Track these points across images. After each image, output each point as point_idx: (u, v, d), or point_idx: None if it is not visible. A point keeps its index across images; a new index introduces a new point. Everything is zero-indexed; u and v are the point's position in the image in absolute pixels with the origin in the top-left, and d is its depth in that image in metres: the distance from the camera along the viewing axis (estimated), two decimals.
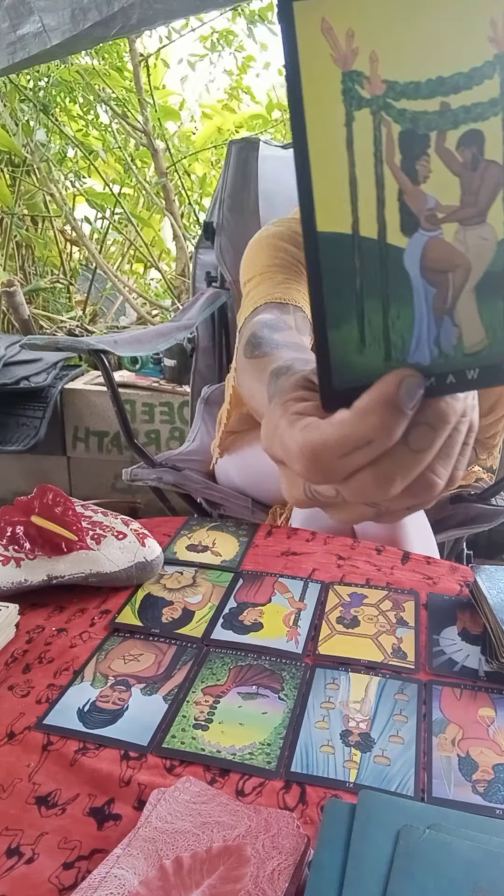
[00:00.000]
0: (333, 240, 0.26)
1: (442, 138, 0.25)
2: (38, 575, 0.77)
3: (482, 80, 0.25)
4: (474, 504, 1.24)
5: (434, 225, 0.26)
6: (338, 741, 0.59)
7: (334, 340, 0.27)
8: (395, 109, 0.25)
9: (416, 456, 0.28)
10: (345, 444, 0.28)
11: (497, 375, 0.27)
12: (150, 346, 1.40)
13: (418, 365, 0.27)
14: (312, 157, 0.25)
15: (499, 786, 0.55)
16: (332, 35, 0.24)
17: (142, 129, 2.62)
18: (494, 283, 0.27)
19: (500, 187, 0.26)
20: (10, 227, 2.71)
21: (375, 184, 0.25)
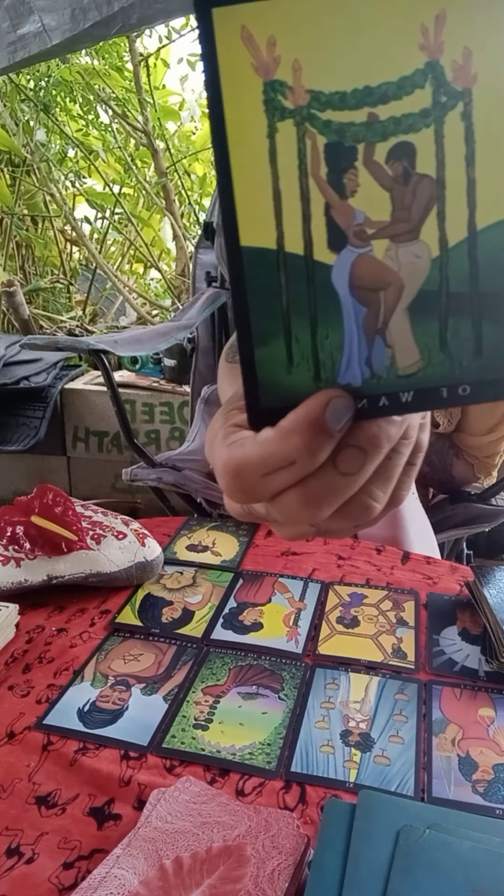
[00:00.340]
0: (257, 255, 0.25)
1: (370, 151, 0.24)
2: (38, 575, 0.77)
3: (413, 89, 0.23)
4: (474, 504, 1.24)
5: (363, 241, 0.25)
6: (338, 741, 0.59)
7: (261, 358, 0.26)
8: (320, 121, 0.24)
9: (345, 479, 0.27)
10: (266, 463, 0.27)
11: (433, 399, 0.26)
12: (150, 346, 1.40)
13: (349, 386, 0.26)
14: (234, 170, 0.24)
15: (499, 786, 0.55)
16: (252, 43, 0.23)
17: (142, 129, 2.62)
18: (429, 303, 0.25)
19: (434, 203, 0.24)
20: (10, 227, 2.71)
21: (300, 198, 0.24)
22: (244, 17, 0.23)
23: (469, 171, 0.24)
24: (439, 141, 0.24)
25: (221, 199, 0.24)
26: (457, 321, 0.25)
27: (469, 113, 0.24)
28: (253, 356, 0.26)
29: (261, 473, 0.27)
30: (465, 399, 0.26)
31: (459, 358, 0.26)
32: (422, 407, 0.27)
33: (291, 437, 0.26)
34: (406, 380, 0.26)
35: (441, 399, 0.26)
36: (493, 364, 0.26)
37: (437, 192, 0.24)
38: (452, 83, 0.23)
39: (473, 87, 0.23)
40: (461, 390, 0.26)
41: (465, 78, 0.23)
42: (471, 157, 0.24)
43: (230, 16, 0.23)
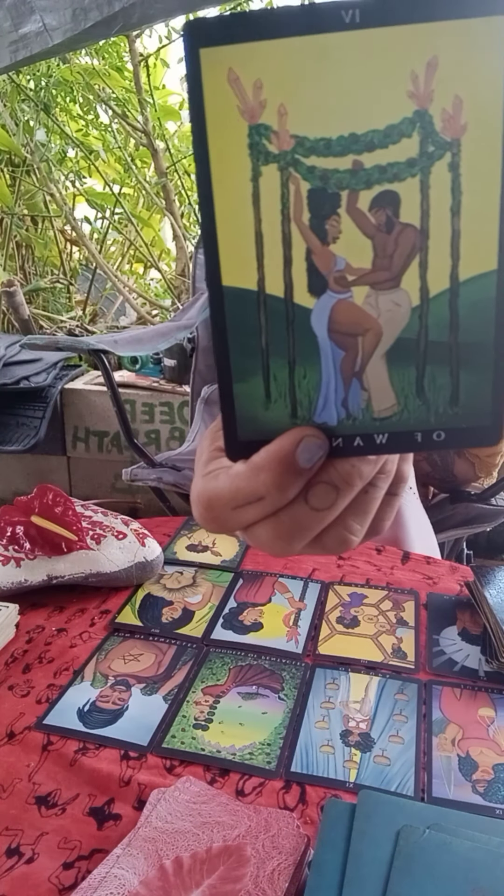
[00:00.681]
0: (238, 295, 0.25)
1: (354, 198, 0.24)
2: (38, 575, 0.77)
3: (399, 138, 0.23)
4: (474, 504, 1.24)
5: (343, 287, 0.25)
6: (338, 741, 0.59)
7: (239, 393, 0.26)
8: (304, 166, 0.24)
9: (316, 514, 0.27)
10: (236, 497, 0.27)
11: (407, 442, 0.27)
12: (150, 346, 1.40)
13: (324, 425, 0.26)
14: (217, 211, 0.24)
15: (499, 786, 0.55)
16: (238, 86, 0.23)
17: (142, 129, 2.62)
18: (407, 350, 0.25)
19: (417, 252, 0.24)
20: (10, 227, 2.71)
21: (282, 241, 0.24)
22: (232, 59, 0.23)
23: (454, 223, 0.24)
24: (425, 191, 0.24)
25: (204, 238, 0.25)
26: (434, 369, 0.26)
27: (457, 164, 0.23)
28: (232, 391, 0.26)
29: (231, 507, 0.28)
30: (439, 444, 0.27)
31: (435, 405, 0.26)
32: (396, 449, 0.27)
33: (261, 472, 0.26)
34: (381, 422, 0.26)
35: (415, 443, 0.27)
36: (469, 412, 0.26)
37: (421, 241, 0.24)
38: (441, 133, 0.23)
39: (462, 137, 0.23)
40: (436, 436, 0.27)
41: (454, 128, 0.23)
42: (456, 209, 0.24)
43: (218, 57, 0.23)
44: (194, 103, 0.23)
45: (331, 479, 0.27)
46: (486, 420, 0.26)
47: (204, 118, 0.23)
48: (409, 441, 0.27)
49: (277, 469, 0.26)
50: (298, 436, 0.26)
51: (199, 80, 0.23)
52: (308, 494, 0.27)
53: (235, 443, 0.27)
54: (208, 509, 0.29)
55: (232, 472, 0.28)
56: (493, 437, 0.26)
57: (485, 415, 0.26)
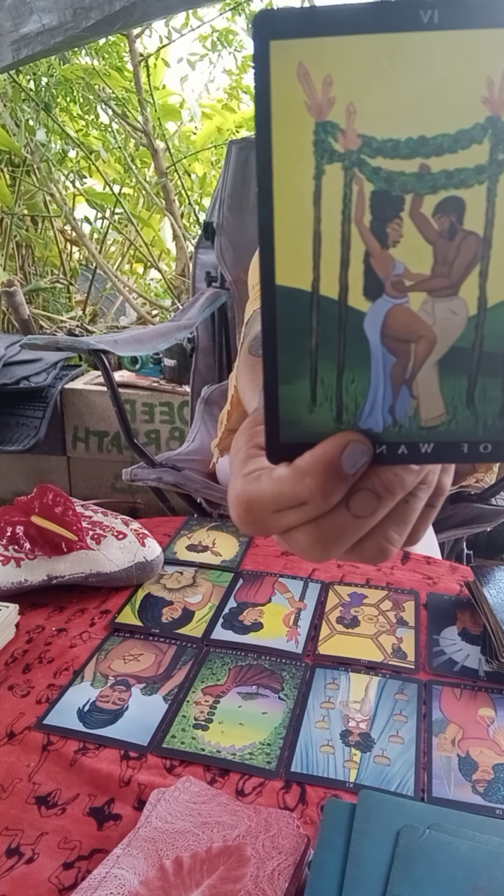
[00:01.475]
0: (292, 295, 0.25)
1: (418, 202, 0.24)
2: (38, 575, 0.77)
3: (469, 144, 0.23)
4: (474, 504, 1.24)
5: (400, 292, 0.25)
6: (338, 741, 0.59)
7: (285, 395, 0.26)
8: (369, 167, 0.23)
9: (357, 522, 0.27)
10: (278, 500, 0.27)
11: (453, 453, 0.26)
12: (150, 346, 1.40)
13: (369, 431, 0.26)
14: (276, 208, 0.24)
15: (499, 786, 0.55)
16: (308, 81, 0.22)
17: (142, 129, 2.62)
18: (460, 360, 0.25)
19: (478, 261, 0.24)
20: (10, 227, 2.71)
21: (341, 243, 0.24)
22: (302, 53, 0.22)
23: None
24: (491, 199, 0.23)
25: (261, 235, 0.24)
26: (486, 380, 0.25)
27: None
28: (277, 392, 0.26)
29: (272, 510, 0.27)
30: (485, 457, 0.26)
31: (485, 416, 0.26)
32: (440, 459, 0.27)
33: (305, 477, 0.26)
34: (428, 431, 0.26)
35: (461, 454, 0.26)
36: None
37: (483, 251, 0.24)
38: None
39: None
40: (482, 448, 0.26)
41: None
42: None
43: (288, 50, 0.22)
44: (261, 96, 0.23)
45: (373, 487, 0.27)
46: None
47: (270, 112, 0.23)
48: (456, 452, 0.26)
49: (323, 474, 0.26)
50: (344, 440, 0.26)
51: (268, 73, 0.22)
52: (350, 501, 0.27)
53: (277, 445, 0.27)
54: (248, 511, 0.28)
55: (275, 475, 0.27)
56: None
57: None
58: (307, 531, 0.28)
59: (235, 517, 0.29)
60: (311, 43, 0.22)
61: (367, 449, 0.26)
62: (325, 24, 0.22)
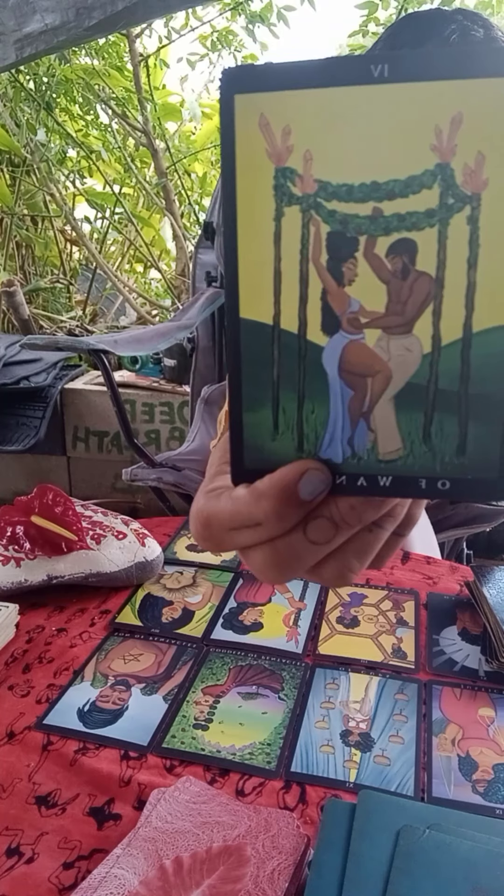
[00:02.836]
0: (254, 328, 0.26)
1: (372, 244, 0.25)
2: (38, 575, 0.77)
3: (420, 189, 0.24)
4: (474, 504, 1.24)
5: (356, 328, 0.26)
6: (338, 741, 0.59)
7: (248, 422, 0.27)
8: (325, 210, 0.25)
9: (313, 547, 0.28)
10: (234, 519, 0.28)
11: (411, 488, 0.27)
12: (150, 346, 1.40)
13: (329, 461, 0.27)
14: (240, 246, 0.25)
15: (499, 786, 0.55)
16: (268, 131, 0.24)
17: (142, 129, 2.62)
18: (416, 396, 0.26)
19: (431, 300, 0.25)
20: (10, 227, 2.71)
21: (299, 280, 0.25)
22: (263, 105, 0.24)
23: (470, 274, 0.24)
24: (442, 241, 0.24)
25: (226, 271, 0.26)
26: (442, 417, 0.26)
27: (476, 217, 0.24)
28: (241, 419, 0.27)
29: (228, 528, 0.28)
30: (443, 493, 0.27)
31: (442, 453, 0.26)
32: (398, 493, 0.27)
33: (262, 499, 0.27)
34: (386, 465, 0.27)
35: (419, 489, 0.27)
36: (475, 464, 0.26)
37: (435, 290, 0.25)
38: (462, 187, 0.24)
39: (483, 192, 0.24)
40: (440, 484, 0.27)
41: (475, 183, 0.24)
42: (473, 261, 0.24)
43: (251, 103, 0.24)
44: (226, 144, 0.24)
45: (331, 515, 0.27)
46: (492, 473, 0.26)
47: (234, 158, 0.25)
48: (413, 487, 0.27)
49: (278, 497, 0.26)
50: (303, 468, 0.26)
51: (233, 124, 0.24)
52: (307, 527, 0.27)
53: (241, 469, 0.28)
54: (206, 527, 0.29)
55: (234, 495, 0.28)
56: (500, 492, 0.26)
57: (492, 468, 0.26)
58: (263, 552, 0.28)
59: (194, 531, 0.30)
60: (272, 96, 0.24)
61: (325, 478, 0.27)
62: (285, 79, 0.24)
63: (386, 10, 2.32)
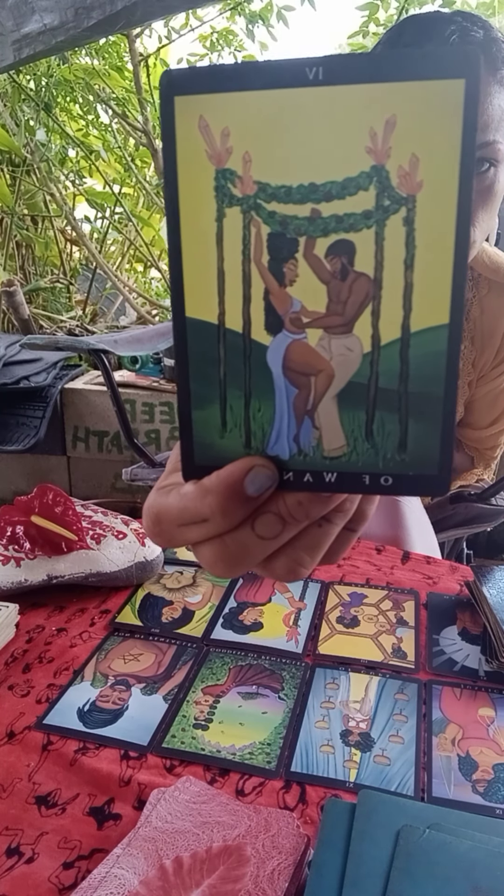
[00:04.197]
0: (200, 327, 0.26)
1: (311, 245, 0.25)
2: (38, 575, 0.77)
3: (356, 190, 0.24)
4: (474, 504, 1.24)
5: (298, 328, 0.26)
6: (338, 741, 0.59)
7: (197, 419, 0.27)
8: (265, 211, 0.25)
9: (262, 542, 0.28)
10: (182, 515, 0.28)
11: (355, 484, 0.27)
12: (150, 346, 1.40)
13: (276, 458, 0.27)
14: (184, 247, 0.25)
15: (499, 786, 0.55)
16: (208, 132, 0.24)
17: (142, 129, 2.62)
18: (358, 394, 0.26)
19: (370, 301, 0.25)
20: (10, 227, 2.71)
21: (242, 280, 0.26)
22: (203, 108, 0.24)
23: (407, 275, 0.25)
24: (379, 242, 0.25)
25: (171, 271, 0.26)
26: (383, 415, 0.26)
27: (412, 219, 0.24)
28: (190, 416, 0.27)
29: (177, 524, 0.29)
30: (386, 490, 0.27)
31: (384, 450, 0.27)
32: (343, 489, 0.28)
33: (208, 495, 0.27)
34: (331, 461, 0.27)
35: (363, 485, 0.27)
36: (416, 460, 0.27)
37: (374, 291, 0.25)
38: (397, 188, 0.24)
39: (418, 194, 0.24)
40: (383, 480, 0.27)
41: (410, 184, 0.24)
42: (410, 262, 0.24)
43: (190, 105, 0.24)
44: (167, 146, 0.25)
45: (278, 511, 0.28)
46: (432, 469, 0.27)
47: (175, 160, 0.25)
48: (357, 482, 0.27)
49: (224, 494, 0.27)
50: (249, 464, 0.27)
51: (173, 125, 0.24)
52: (255, 522, 0.28)
53: (192, 466, 0.28)
54: (156, 523, 0.30)
55: (182, 491, 0.29)
56: (441, 488, 0.27)
57: (432, 464, 0.26)
58: (212, 547, 0.29)
59: (145, 527, 0.31)
60: (211, 98, 0.24)
61: (271, 474, 0.27)
62: (224, 82, 0.24)
63: (386, 10, 2.32)
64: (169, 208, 0.25)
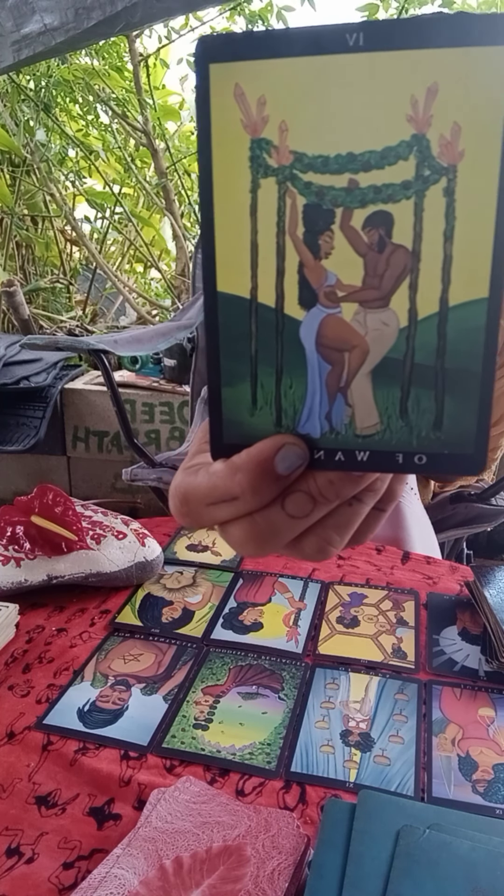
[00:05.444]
0: (232, 301, 0.26)
1: (348, 216, 0.24)
2: (38, 575, 0.77)
3: (396, 160, 0.24)
4: (474, 504, 1.24)
5: (333, 302, 0.25)
6: (338, 741, 0.59)
7: (227, 397, 0.27)
8: (301, 181, 0.24)
9: (292, 521, 0.28)
10: (211, 494, 0.28)
11: (388, 462, 0.26)
12: (150, 346, 1.40)
13: (307, 436, 0.27)
14: (217, 219, 0.25)
15: (499, 786, 0.55)
16: (244, 101, 0.24)
17: (142, 129, 2.62)
18: (392, 370, 0.26)
19: (407, 274, 0.24)
20: (10, 227, 2.71)
21: (276, 253, 0.25)
22: (238, 75, 0.24)
23: (446, 247, 0.24)
24: (418, 214, 0.24)
25: (203, 244, 0.25)
26: (419, 392, 0.26)
27: (452, 189, 0.24)
28: (220, 393, 0.27)
29: (205, 503, 0.28)
30: (420, 468, 0.27)
31: (418, 428, 0.26)
32: (376, 468, 0.27)
33: (238, 473, 0.27)
34: (363, 440, 0.27)
35: (396, 464, 0.27)
36: (451, 439, 0.26)
37: (412, 263, 0.24)
38: (438, 158, 0.23)
39: (459, 164, 0.23)
40: (417, 459, 0.26)
41: (451, 154, 0.23)
42: (449, 234, 0.24)
43: (225, 72, 0.24)
44: (201, 115, 0.24)
45: (308, 489, 0.27)
46: (468, 448, 0.26)
47: (210, 129, 0.24)
48: (391, 461, 0.27)
49: (254, 472, 0.26)
50: (279, 442, 0.26)
51: (208, 94, 0.24)
52: (285, 501, 0.27)
53: (220, 444, 0.28)
54: (184, 503, 0.29)
55: (211, 470, 0.28)
56: (476, 466, 0.26)
57: (468, 443, 0.26)
58: (241, 526, 0.28)
59: (173, 508, 0.30)
60: (247, 65, 0.23)
61: (301, 452, 0.27)
62: (260, 48, 0.23)
63: (386, 10, 2.32)
64: (202, 179, 0.25)
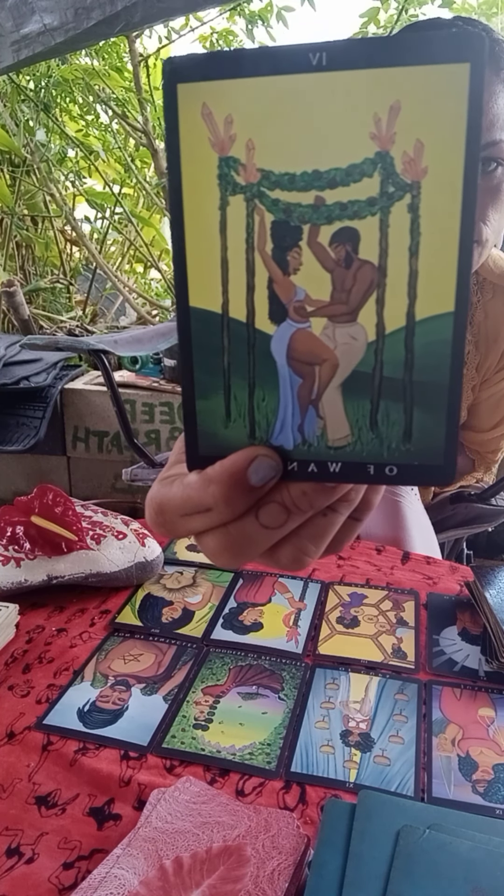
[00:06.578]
0: (204, 316, 0.26)
1: (315, 232, 0.25)
2: (38, 575, 0.77)
3: (360, 177, 0.24)
4: (474, 504, 1.24)
5: (302, 317, 0.26)
6: (338, 741, 0.59)
7: (202, 409, 0.27)
8: (268, 199, 0.25)
9: (266, 532, 0.28)
10: (185, 505, 0.28)
11: (360, 474, 0.27)
12: (150, 346, 1.40)
13: (280, 448, 0.27)
14: (188, 236, 0.25)
15: (499, 786, 0.55)
16: (211, 120, 0.24)
17: (142, 129, 2.62)
18: (362, 383, 0.26)
19: (374, 289, 0.25)
20: (10, 227, 2.71)
21: (246, 269, 0.25)
22: (205, 95, 0.24)
23: (412, 263, 0.24)
24: (384, 230, 0.24)
25: (175, 260, 0.26)
26: (388, 405, 0.26)
27: (416, 206, 0.24)
28: (195, 406, 0.27)
29: (180, 514, 0.29)
30: (391, 479, 0.27)
31: (388, 440, 0.26)
32: (348, 479, 0.27)
33: (211, 485, 0.27)
34: (335, 451, 0.27)
35: (368, 475, 0.27)
36: (421, 450, 0.26)
37: (378, 279, 0.25)
38: (402, 175, 0.24)
39: (423, 180, 0.24)
40: (388, 470, 0.27)
41: (414, 171, 0.24)
42: (415, 249, 0.24)
43: (193, 92, 0.24)
44: (170, 134, 0.24)
45: (282, 500, 0.28)
46: (438, 459, 0.26)
47: (179, 148, 0.25)
48: (362, 472, 0.27)
49: (227, 483, 0.27)
50: (252, 454, 0.27)
51: (176, 113, 0.24)
52: (259, 511, 0.28)
53: (196, 456, 0.28)
54: (159, 514, 0.30)
55: (186, 481, 0.28)
56: (446, 477, 0.27)
57: (437, 454, 0.26)
58: (216, 536, 0.29)
59: (148, 518, 0.31)
60: (214, 85, 0.24)
61: (274, 464, 0.27)
62: (227, 68, 0.24)
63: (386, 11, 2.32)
64: (172, 197, 0.25)
